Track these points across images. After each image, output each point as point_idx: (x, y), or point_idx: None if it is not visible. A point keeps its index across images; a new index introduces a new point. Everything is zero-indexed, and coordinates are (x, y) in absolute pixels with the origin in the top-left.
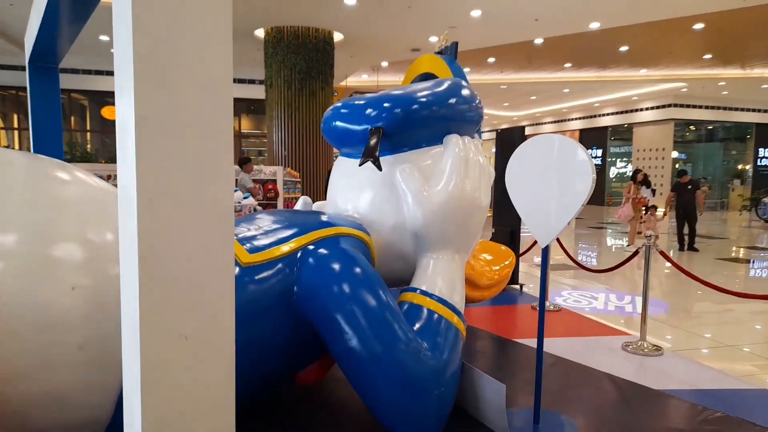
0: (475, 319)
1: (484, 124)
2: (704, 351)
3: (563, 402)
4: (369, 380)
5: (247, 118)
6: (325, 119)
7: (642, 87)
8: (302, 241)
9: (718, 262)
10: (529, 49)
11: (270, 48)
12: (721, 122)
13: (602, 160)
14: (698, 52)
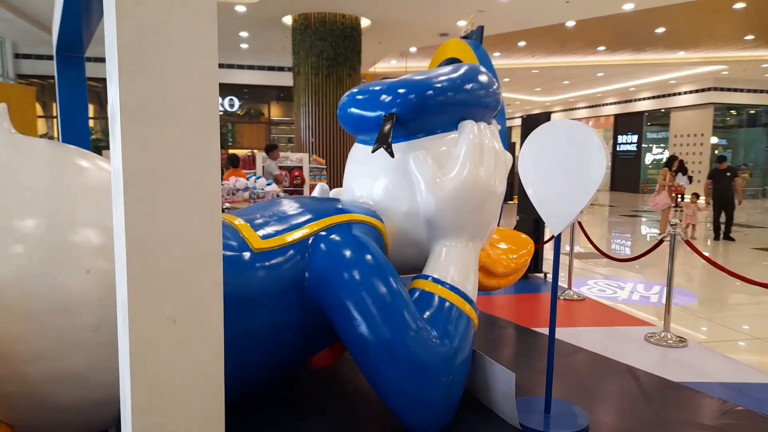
0: (497, 307)
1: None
2: (731, 343)
3: (578, 392)
4: (378, 367)
5: (276, 106)
6: (341, 106)
7: (680, 70)
8: (315, 227)
9: (755, 252)
10: (561, 33)
11: (297, 35)
12: (764, 106)
13: (637, 146)
14: (739, 32)
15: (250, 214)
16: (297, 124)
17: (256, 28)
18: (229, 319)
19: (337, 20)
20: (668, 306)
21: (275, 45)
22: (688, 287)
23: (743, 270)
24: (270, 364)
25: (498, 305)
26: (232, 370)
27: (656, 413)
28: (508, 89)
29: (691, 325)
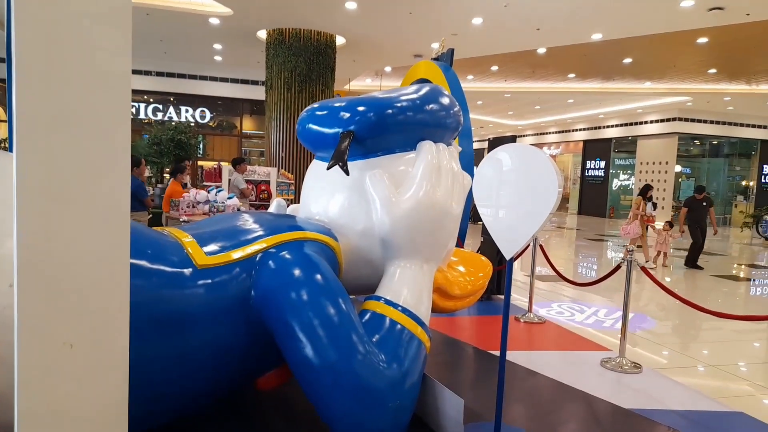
0: (458, 329)
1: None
2: (685, 370)
3: (530, 417)
4: (323, 391)
5: (249, 119)
6: (300, 121)
7: (646, 100)
8: (264, 244)
9: (715, 279)
10: (533, 59)
11: (271, 50)
12: (726, 137)
13: (605, 172)
14: (703, 66)
15: (199, 229)
16: (267, 139)
17: (230, 40)
18: (169, 339)
19: (312, 37)
20: (624, 331)
21: (249, 58)
22: (646, 313)
23: (703, 296)
24: (213, 385)
25: (459, 327)
26: (173, 392)
27: None
28: (481, 112)
29: (647, 350)
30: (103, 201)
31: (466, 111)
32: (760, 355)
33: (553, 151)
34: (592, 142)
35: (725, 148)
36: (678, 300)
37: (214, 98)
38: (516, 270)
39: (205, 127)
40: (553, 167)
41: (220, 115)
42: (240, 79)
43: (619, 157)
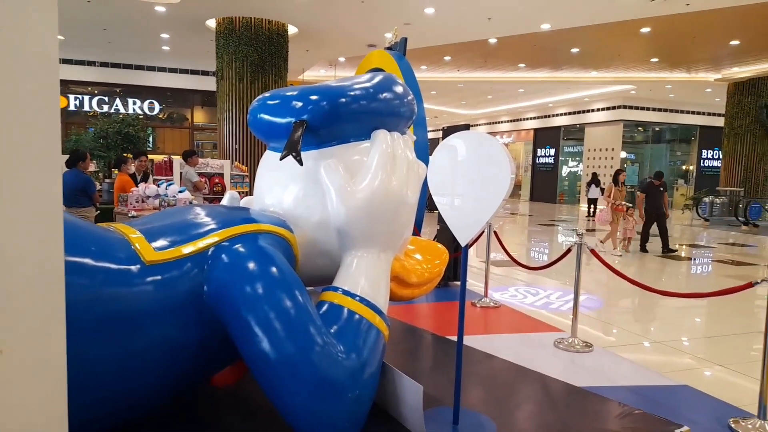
0: (416, 316)
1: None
2: (633, 347)
3: (489, 401)
4: (281, 384)
5: (200, 110)
6: (251, 110)
7: (593, 88)
8: (217, 237)
9: (659, 259)
10: (484, 49)
11: (221, 39)
12: (667, 124)
13: (555, 159)
14: (646, 55)
15: (148, 224)
16: (220, 130)
17: (178, 30)
18: (117, 339)
19: (263, 26)
20: (575, 312)
21: (199, 48)
22: (597, 294)
23: (648, 276)
24: (166, 385)
25: (417, 314)
26: (122, 394)
27: (560, 419)
28: (435, 102)
29: (598, 330)
30: (32, 196)
31: (420, 100)
32: (701, 330)
33: (505, 140)
34: (542, 130)
35: (667, 135)
36: (625, 280)
37: (163, 89)
38: (472, 256)
39: (154, 120)
40: (506, 155)
41: (170, 106)
42: (190, 69)
43: (568, 145)
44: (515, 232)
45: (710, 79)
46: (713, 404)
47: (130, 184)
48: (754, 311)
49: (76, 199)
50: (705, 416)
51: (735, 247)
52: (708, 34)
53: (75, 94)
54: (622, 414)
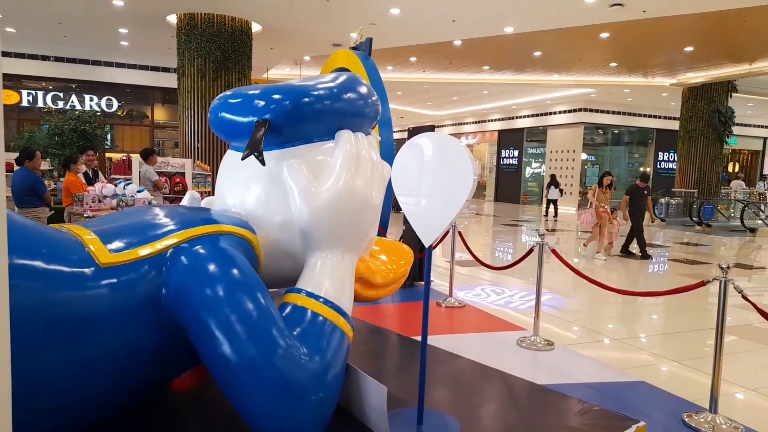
0: (382, 316)
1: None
2: (592, 345)
3: (452, 400)
4: (243, 388)
5: (161, 108)
6: (212, 109)
7: (555, 91)
8: (175, 239)
9: (618, 258)
10: (450, 50)
11: (183, 35)
12: (626, 127)
13: (518, 161)
14: (605, 59)
15: (103, 225)
16: (181, 129)
17: (137, 25)
18: (71, 345)
19: (226, 23)
20: (537, 311)
21: (159, 44)
22: (559, 293)
23: (607, 275)
24: (124, 390)
25: (383, 314)
26: (78, 402)
27: (522, 417)
28: (401, 102)
29: (560, 328)
30: None
31: (385, 100)
32: (657, 327)
33: (470, 141)
34: (506, 131)
35: (625, 137)
36: (585, 279)
37: (122, 86)
38: (437, 256)
39: (112, 117)
40: (469, 155)
41: (129, 103)
42: (150, 65)
43: (531, 146)
44: (480, 232)
45: (666, 84)
46: (668, 399)
47: (76, 184)
48: (707, 308)
49: (27, 199)
50: (660, 411)
51: (689, 246)
52: (664, 41)
53: (28, 89)
54: (581, 411)
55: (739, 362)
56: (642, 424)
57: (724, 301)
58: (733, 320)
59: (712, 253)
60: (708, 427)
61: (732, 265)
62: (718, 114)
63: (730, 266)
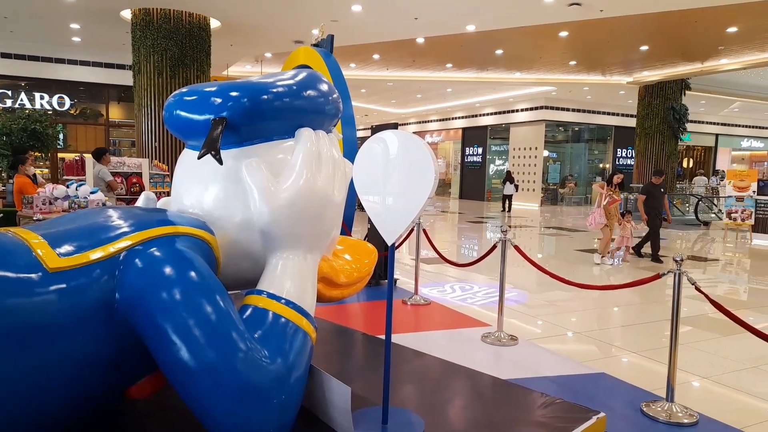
0: (345, 316)
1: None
2: (555, 338)
3: (417, 398)
4: (203, 394)
5: (117, 106)
6: (167, 107)
7: (517, 89)
8: (129, 241)
9: (578, 253)
10: (413, 48)
11: (138, 31)
12: (586, 124)
13: (482, 158)
14: (565, 58)
15: (52, 228)
16: (138, 127)
17: (90, 20)
18: (18, 354)
19: (183, 18)
20: (501, 307)
21: (113, 40)
22: (522, 288)
23: (569, 269)
24: (78, 400)
25: (348, 314)
26: (29, 414)
27: (486, 412)
28: (364, 100)
29: (523, 322)
30: None
31: (347, 98)
32: (618, 320)
33: (434, 139)
34: (470, 129)
35: (586, 134)
36: (546, 274)
37: (74, 83)
38: (404, 254)
39: (65, 116)
40: (430, 153)
41: (83, 102)
42: (104, 62)
43: (495, 144)
44: (446, 229)
45: (623, 82)
46: (628, 390)
47: (28, 186)
48: (665, 300)
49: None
50: (620, 402)
51: None
52: (620, 40)
53: None
54: (544, 404)
55: (694, 351)
56: (602, 415)
57: (679, 293)
58: (689, 311)
59: (669, 246)
60: (665, 415)
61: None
62: (672, 111)
63: (683, 259)
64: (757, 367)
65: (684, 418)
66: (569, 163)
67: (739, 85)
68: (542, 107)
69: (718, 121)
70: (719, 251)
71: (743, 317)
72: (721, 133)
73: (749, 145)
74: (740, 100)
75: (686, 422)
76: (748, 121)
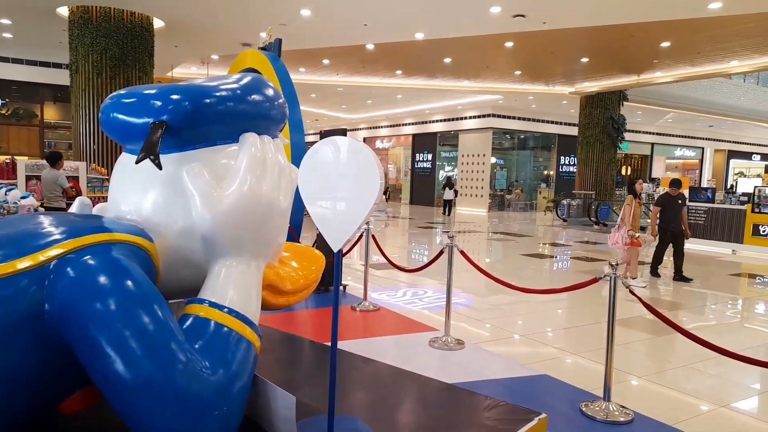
0: (294, 324)
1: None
2: (501, 341)
3: (365, 405)
4: (140, 408)
5: (52, 107)
6: (103, 109)
7: (465, 97)
8: (61, 249)
9: (524, 258)
10: (363, 54)
11: (75, 29)
12: (531, 132)
13: (432, 164)
14: (510, 67)
15: None
16: (75, 129)
17: (22, 15)
18: None
19: (124, 17)
20: (448, 311)
21: (49, 38)
22: (471, 292)
23: (515, 273)
24: (6, 415)
25: (297, 321)
26: None
27: (431, 416)
28: (314, 105)
29: (471, 326)
30: None
31: (295, 103)
32: (561, 322)
33: (385, 145)
34: (420, 135)
35: (531, 142)
36: (491, 279)
37: (6, 82)
38: (356, 260)
39: None
40: (375, 159)
41: (16, 101)
42: (39, 60)
43: (444, 150)
44: (396, 234)
45: (566, 92)
46: (568, 390)
47: None
48: (605, 303)
49: None
50: (561, 402)
51: (588, 245)
52: (563, 51)
53: None
54: (488, 407)
55: (632, 352)
56: (543, 417)
57: (614, 296)
58: (627, 313)
59: (608, 250)
60: (603, 414)
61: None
62: (611, 121)
63: (619, 263)
64: (687, 365)
65: (620, 417)
66: (515, 170)
67: (673, 97)
68: (490, 115)
69: (653, 131)
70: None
71: (676, 318)
72: (656, 142)
73: (682, 153)
74: (673, 111)
75: (622, 420)
76: (680, 131)
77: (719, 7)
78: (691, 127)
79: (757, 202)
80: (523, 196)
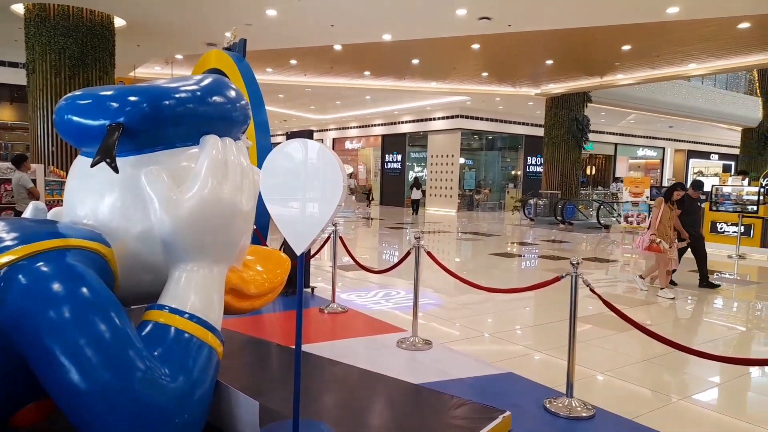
0: (261, 327)
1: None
2: (469, 341)
3: (330, 408)
4: (97, 418)
5: (8, 107)
6: (58, 110)
7: (434, 98)
8: (12, 255)
9: (492, 257)
10: (331, 55)
11: (32, 27)
12: (499, 133)
13: (402, 165)
14: (477, 69)
15: None
16: (33, 131)
17: None
18: None
19: (83, 16)
20: (415, 312)
21: (4, 36)
22: (439, 292)
23: (484, 272)
24: None
25: (263, 325)
26: None
27: (397, 417)
28: (282, 105)
29: (439, 326)
30: None
31: (260, 104)
32: (526, 320)
33: (354, 145)
34: (389, 136)
35: (498, 143)
36: (458, 279)
37: None
38: (326, 261)
39: None
40: (338, 162)
41: None
42: None
43: (414, 151)
44: (366, 235)
45: (531, 94)
46: (532, 388)
47: None
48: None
49: None
50: (525, 399)
51: (555, 243)
52: (528, 54)
53: None
54: (454, 406)
55: (594, 348)
56: (507, 414)
57: (575, 294)
58: (590, 310)
59: (573, 249)
60: (566, 411)
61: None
62: (576, 122)
63: (580, 262)
64: (647, 360)
65: (582, 412)
66: (484, 170)
67: (634, 99)
68: (458, 116)
69: (616, 132)
70: (618, 253)
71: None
72: (619, 142)
73: (644, 153)
74: (635, 112)
75: (584, 416)
76: (642, 132)
77: (677, 12)
78: (653, 128)
79: (715, 201)
80: (491, 196)
